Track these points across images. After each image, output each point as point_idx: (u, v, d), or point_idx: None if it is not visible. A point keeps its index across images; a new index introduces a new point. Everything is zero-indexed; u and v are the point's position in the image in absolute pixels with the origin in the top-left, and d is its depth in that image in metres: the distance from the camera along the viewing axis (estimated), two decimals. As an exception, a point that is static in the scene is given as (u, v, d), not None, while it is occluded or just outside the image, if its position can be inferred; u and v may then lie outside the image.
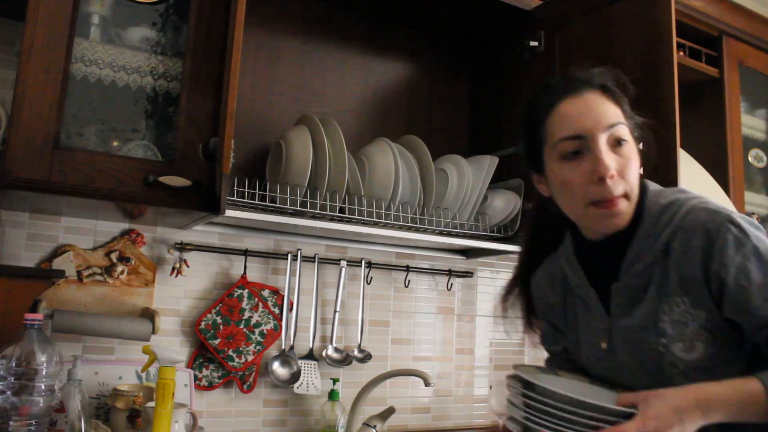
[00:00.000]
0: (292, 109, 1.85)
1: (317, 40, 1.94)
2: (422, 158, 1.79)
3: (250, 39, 1.76)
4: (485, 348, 2.15)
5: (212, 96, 1.40)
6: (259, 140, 1.80)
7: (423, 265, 2.05)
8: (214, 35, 1.42)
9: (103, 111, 1.36)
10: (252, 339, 1.71)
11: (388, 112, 2.05)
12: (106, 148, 1.36)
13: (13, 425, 1.14)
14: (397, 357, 1.99)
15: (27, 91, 1.24)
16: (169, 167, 1.35)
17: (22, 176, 1.22)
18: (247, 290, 1.73)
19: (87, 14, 1.36)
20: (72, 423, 1.29)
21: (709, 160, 2.20)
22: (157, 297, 1.65)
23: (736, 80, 2.30)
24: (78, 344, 1.56)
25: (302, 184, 1.60)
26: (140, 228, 1.65)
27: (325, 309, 1.87)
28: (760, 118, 2.46)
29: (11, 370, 1.14)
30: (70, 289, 1.55)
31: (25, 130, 1.23)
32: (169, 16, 1.44)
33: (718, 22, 2.25)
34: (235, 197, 1.49)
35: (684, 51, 2.20)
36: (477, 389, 2.12)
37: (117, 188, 1.30)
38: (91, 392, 1.48)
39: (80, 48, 1.34)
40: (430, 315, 2.07)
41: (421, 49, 2.13)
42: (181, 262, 1.65)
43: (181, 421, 1.35)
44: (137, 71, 1.40)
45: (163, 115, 1.41)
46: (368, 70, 2.03)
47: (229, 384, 1.71)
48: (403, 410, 1.95)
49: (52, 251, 1.56)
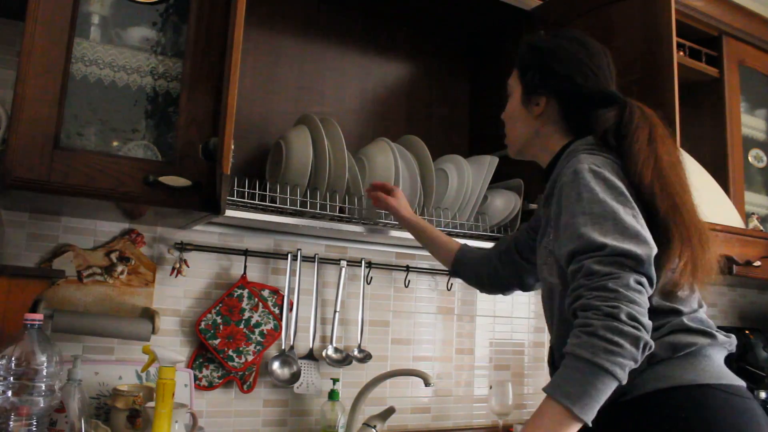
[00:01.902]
0: (292, 109, 1.85)
1: (317, 40, 1.94)
2: (422, 158, 1.79)
3: (250, 39, 1.76)
4: (485, 348, 2.15)
5: (212, 96, 1.40)
6: (259, 140, 1.80)
7: (423, 265, 2.05)
8: (214, 35, 1.42)
9: (103, 111, 1.36)
10: (252, 339, 1.71)
11: (388, 112, 2.05)
12: (106, 148, 1.36)
13: (13, 425, 1.14)
14: (397, 357, 1.99)
15: (27, 91, 1.23)
16: (169, 167, 1.35)
17: (22, 176, 1.22)
18: (247, 290, 1.73)
19: (87, 14, 1.36)
20: (72, 423, 1.29)
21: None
22: (157, 297, 1.65)
23: (736, 80, 2.30)
24: (78, 344, 1.56)
25: (302, 184, 1.60)
26: (140, 228, 1.65)
27: (325, 309, 1.87)
28: (760, 118, 2.46)
29: (11, 370, 1.15)
30: (70, 289, 1.55)
31: (25, 130, 1.23)
32: (169, 16, 1.44)
33: (718, 22, 2.25)
34: (235, 197, 1.49)
35: (684, 51, 2.20)
36: (477, 389, 2.12)
37: (117, 188, 1.30)
38: (91, 392, 1.48)
39: (80, 48, 1.34)
40: (430, 315, 2.07)
41: (421, 49, 2.13)
42: (181, 262, 1.65)
43: (181, 421, 1.35)
44: (137, 71, 1.40)
45: (163, 115, 1.41)
46: (368, 70, 2.03)
47: (229, 384, 1.71)
48: (403, 410, 1.95)
49: (52, 251, 1.56)
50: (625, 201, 1.04)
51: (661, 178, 1.09)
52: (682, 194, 1.11)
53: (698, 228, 1.10)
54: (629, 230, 1.00)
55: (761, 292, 2.96)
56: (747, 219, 2.26)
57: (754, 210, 2.33)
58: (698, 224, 1.10)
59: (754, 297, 2.95)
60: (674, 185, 1.10)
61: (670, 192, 1.09)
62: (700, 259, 1.08)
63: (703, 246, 1.09)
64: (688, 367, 1.05)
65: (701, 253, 1.09)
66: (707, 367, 1.06)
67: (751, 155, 2.39)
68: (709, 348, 1.09)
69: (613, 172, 1.08)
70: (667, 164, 1.11)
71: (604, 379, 0.92)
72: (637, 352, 0.94)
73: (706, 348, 1.08)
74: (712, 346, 1.10)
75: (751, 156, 2.38)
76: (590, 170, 1.07)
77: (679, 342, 1.07)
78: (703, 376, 1.05)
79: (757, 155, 2.40)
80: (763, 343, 2.52)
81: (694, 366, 1.06)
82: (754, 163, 2.39)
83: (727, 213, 2.11)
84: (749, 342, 2.51)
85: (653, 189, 1.08)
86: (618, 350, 0.92)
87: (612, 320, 0.93)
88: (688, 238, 1.07)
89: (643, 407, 1.04)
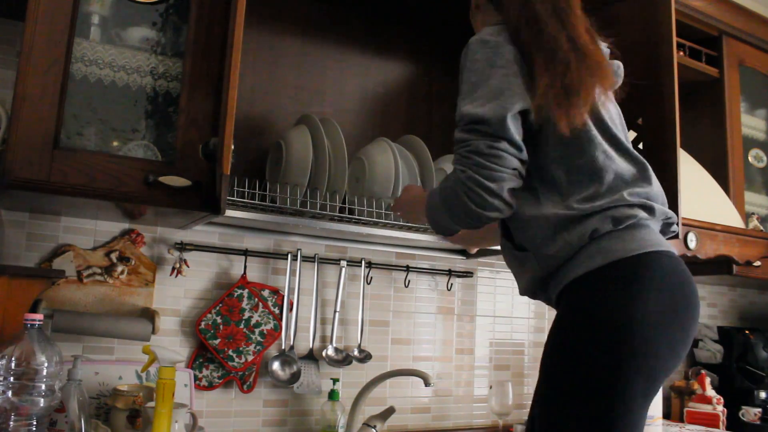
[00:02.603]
0: (292, 109, 1.85)
1: (317, 40, 1.94)
2: (422, 158, 1.79)
3: (250, 39, 1.76)
4: (485, 348, 2.15)
5: (212, 96, 1.40)
6: (259, 140, 1.80)
7: (423, 265, 2.05)
8: (214, 35, 1.42)
9: (103, 111, 1.36)
10: (252, 339, 1.71)
11: (387, 111, 2.05)
12: (106, 148, 1.36)
13: (13, 425, 1.14)
14: (397, 357, 1.99)
15: (27, 91, 1.23)
16: (169, 167, 1.35)
17: (22, 176, 1.22)
18: (247, 290, 1.73)
19: (87, 14, 1.36)
20: (72, 423, 1.29)
21: (709, 160, 2.21)
22: (157, 297, 1.65)
23: (736, 80, 2.30)
24: (78, 344, 1.56)
25: (302, 184, 1.60)
26: (140, 228, 1.65)
27: (325, 309, 1.87)
28: (760, 118, 2.46)
29: (11, 370, 1.14)
30: (70, 289, 1.55)
31: (25, 130, 1.23)
32: (169, 16, 1.44)
33: (718, 22, 2.25)
34: (235, 197, 1.49)
35: (684, 51, 2.20)
36: (477, 389, 2.12)
37: (117, 188, 1.30)
38: (91, 392, 1.48)
39: (80, 48, 1.34)
40: (430, 315, 2.07)
41: (421, 49, 2.13)
42: (181, 262, 1.65)
43: (181, 421, 1.35)
44: (137, 71, 1.40)
45: (163, 115, 1.41)
46: (368, 70, 2.03)
47: (229, 384, 1.71)
48: (403, 410, 1.95)
49: (52, 251, 1.56)
50: (505, 63, 1.11)
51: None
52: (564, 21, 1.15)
53: (578, 52, 1.13)
54: (492, 92, 1.09)
55: (761, 292, 2.96)
56: (747, 219, 2.26)
57: (754, 210, 2.33)
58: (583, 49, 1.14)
59: (754, 297, 2.95)
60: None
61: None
62: (566, 79, 1.11)
63: (569, 66, 1.11)
64: (628, 238, 1.08)
65: (567, 73, 1.11)
66: (647, 236, 1.10)
67: (751, 155, 2.39)
68: (648, 220, 1.13)
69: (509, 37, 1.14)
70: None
71: (435, 228, 1.21)
72: (466, 218, 1.11)
73: (645, 220, 1.12)
74: (650, 219, 1.13)
75: (751, 156, 2.39)
76: (480, 41, 1.14)
77: (620, 215, 1.09)
78: (644, 245, 1.08)
79: (757, 155, 2.40)
80: (763, 343, 2.52)
81: (634, 236, 1.09)
82: (754, 163, 2.39)
83: (727, 213, 2.11)
84: (749, 342, 2.51)
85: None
86: (444, 212, 1.14)
87: (456, 184, 1.09)
88: (552, 61, 1.11)
89: (594, 281, 1.07)
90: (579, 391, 1.03)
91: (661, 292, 1.05)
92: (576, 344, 1.05)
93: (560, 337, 1.08)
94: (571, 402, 1.03)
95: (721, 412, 2.26)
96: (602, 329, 1.03)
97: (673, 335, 1.05)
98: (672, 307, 1.06)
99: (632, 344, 1.01)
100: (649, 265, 1.07)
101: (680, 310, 1.07)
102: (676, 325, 1.06)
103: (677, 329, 1.06)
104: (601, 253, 1.07)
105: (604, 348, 1.02)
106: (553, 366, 1.08)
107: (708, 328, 2.62)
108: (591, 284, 1.07)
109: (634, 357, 1.01)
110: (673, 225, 1.19)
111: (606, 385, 1.01)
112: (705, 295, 2.77)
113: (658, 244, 1.10)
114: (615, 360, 1.01)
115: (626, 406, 1.01)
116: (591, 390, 1.02)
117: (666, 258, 1.09)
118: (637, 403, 1.02)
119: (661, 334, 1.04)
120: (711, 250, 1.99)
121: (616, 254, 1.07)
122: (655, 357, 1.03)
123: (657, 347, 1.03)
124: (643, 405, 1.04)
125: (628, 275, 1.06)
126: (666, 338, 1.04)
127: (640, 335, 1.02)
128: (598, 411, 1.01)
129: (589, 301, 1.07)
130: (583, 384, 1.03)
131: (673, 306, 1.06)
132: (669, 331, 1.05)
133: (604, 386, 1.01)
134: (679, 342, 1.07)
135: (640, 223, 1.11)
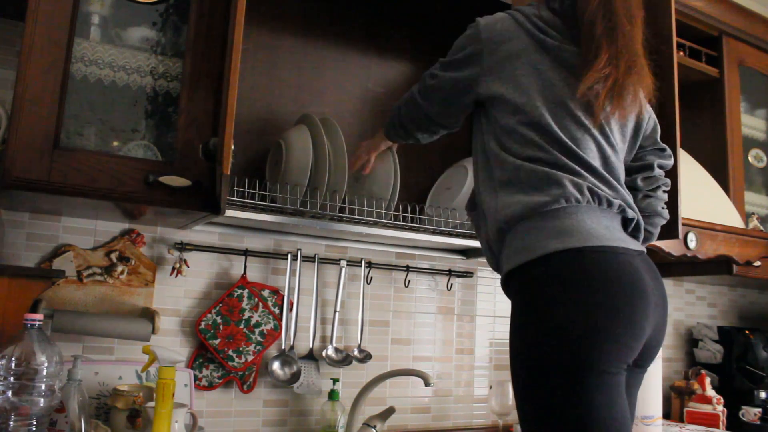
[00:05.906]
0: (292, 109, 1.85)
1: (317, 40, 1.94)
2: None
3: (250, 39, 1.76)
4: (485, 348, 2.15)
5: (212, 96, 1.40)
6: (259, 140, 1.80)
7: (423, 265, 2.05)
8: (214, 35, 1.42)
9: (103, 111, 1.37)
10: (252, 339, 1.71)
11: (387, 112, 2.05)
12: (106, 148, 1.36)
13: (13, 425, 1.14)
14: (397, 357, 1.99)
15: (27, 91, 1.23)
16: (169, 167, 1.35)
17: (22, 176, 1.22)
18: (247, 290, 1.73)
19: (87, 14, 1.36)
20: (72, 423, 1.29)
21: (709, 160, 2.21)
22: (157, 297, 1.65)
23: (736, 80, 2.30)
24: (78, 344, 1.56)
25: (302, 184, 1.60)
26: (140, 228, 1.66)
27: (325, 309, 1.87)
28: (760, 118, 2.46)
29: (11, 370, 1.14)
30: (70, 289, 1.55)
31: (25, 130, 1.23)
32: (169, 16, 1.44)
33: (718, 22, 2.25)
34: (235, 197, 1.49)
35: (684, 51, 2.20)
36: (477, 389, 2.12)
37: (117, 188, 1.30)
38: (91, 392, 1.48)
39: (80, 48, 1.34)
40: (430, 315, 2.07)
41: (421, 49, 2.13)
42: (181, 262, 1.65)
43: (181, 421, 1.35)
44: (137, 71, 1.40)
45: (163, 115, 1.41)
46: (368, 70, 2.03)
47: (229, 384, 1.71)
48: (403, 410, 1.95)
49: (52, 251, 1.56)
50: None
51: (607, 4, 1.20)
52: (624, 20, 1.20)
53: (630, 53, 1.19)
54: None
55: (761, 292, 2.96)
56: (747, 219, 2.26)
57: (754, 210, 2.33)
58: (632, 51, 1.20)
59: (754, 297, 2.95)
60: (618, 12, 1.20)
61: (612, 17, 1.20)
62: (622, 81, 1.18)
63: (628, 70, 1.19)
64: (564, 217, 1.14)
65: (625, 77, 1.18)
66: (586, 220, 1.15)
67: (751, 155, 2.39)
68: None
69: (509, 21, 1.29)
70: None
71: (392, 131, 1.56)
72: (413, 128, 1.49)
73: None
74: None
75: (751, 156, 2.39)
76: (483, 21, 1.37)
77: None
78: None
79: (757, 155, 2.41)
80: (763, 343, 2.52)
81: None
82: (754, 163, 2.39)
83: (727, 213, 2.11)
84: (749, 342, 2.51)
85: (597, 14, 1.20)
86: (403, 108, 1.48)
87: (409, 94, 1.44)
88: (615, 58, 1.17)
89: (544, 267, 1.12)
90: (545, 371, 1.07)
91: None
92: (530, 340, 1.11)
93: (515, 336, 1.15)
94: (539, 381, 1.08)
95: (721, 412, 2.26)
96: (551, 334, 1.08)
97: (623, 319, 1.08)
98: (613, 296, 1.08)
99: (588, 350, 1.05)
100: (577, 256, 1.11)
101: (618, 295, 1.09)
102: (622, 312, 1.08)
103: (624, 315, 1.08)
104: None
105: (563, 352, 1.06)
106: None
107: (708, 328, 2.62)
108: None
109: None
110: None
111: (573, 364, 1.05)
112: (705, 295, 2.77)
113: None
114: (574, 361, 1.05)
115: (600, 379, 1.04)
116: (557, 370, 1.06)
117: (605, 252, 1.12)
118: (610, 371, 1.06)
119: (606, 330, 1.06)
120: (711, 250, 1.99)
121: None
122: (614, 341, 1.06)
123: (607, 341, 1.06)
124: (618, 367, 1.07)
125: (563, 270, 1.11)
126: (615, 328, 1.07)
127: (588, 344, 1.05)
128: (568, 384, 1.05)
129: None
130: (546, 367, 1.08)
131: (613, 294, 1.08)
132: (616, 319, 1.07)
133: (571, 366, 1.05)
134: (631, 320, 1.08)
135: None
